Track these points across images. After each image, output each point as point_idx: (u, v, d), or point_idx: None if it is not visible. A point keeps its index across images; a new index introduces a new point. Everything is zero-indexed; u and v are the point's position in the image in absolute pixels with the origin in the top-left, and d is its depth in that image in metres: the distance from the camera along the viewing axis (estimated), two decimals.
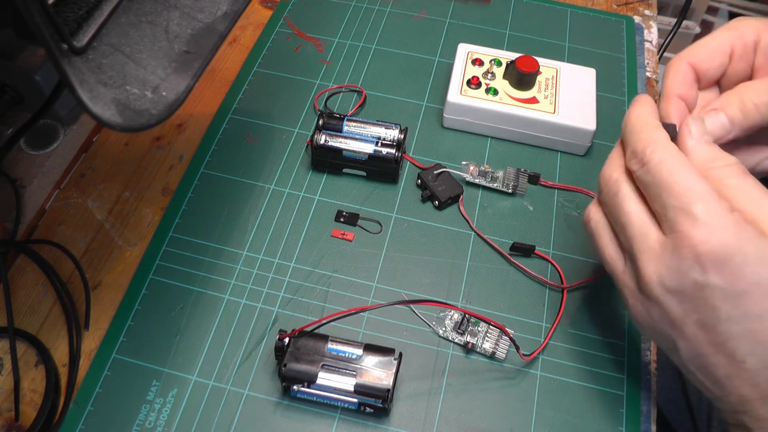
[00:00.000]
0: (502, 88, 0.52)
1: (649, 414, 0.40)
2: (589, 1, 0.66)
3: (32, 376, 0.40)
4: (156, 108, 0.29)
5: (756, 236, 0.29)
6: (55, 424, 0.39)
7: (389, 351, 0.39)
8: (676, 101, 0.37)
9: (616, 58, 0.60)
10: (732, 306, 0.29)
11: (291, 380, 0.38)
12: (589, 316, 0.44)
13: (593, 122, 0.50)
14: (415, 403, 0.40)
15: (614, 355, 0.42)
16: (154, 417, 0.38)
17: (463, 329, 0.42)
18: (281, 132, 0.53)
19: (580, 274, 0.45)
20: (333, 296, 0.44)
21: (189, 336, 0.42)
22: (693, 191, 0.30)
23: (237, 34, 0.61)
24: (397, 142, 0.48)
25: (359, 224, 0.47)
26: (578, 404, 0.40)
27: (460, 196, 0.49)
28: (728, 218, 0.29)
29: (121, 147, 0.52)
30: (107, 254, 0.46)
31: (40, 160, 0.50)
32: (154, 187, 0.50)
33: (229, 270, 0.45)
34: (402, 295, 0.44)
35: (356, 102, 0.55)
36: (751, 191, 0.31)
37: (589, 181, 0.51)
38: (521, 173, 0.49)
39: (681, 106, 0.37)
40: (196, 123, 0.54)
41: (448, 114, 0.53)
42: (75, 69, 0.27)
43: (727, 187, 0.31)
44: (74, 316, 0.42)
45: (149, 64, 0.30)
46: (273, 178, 0.50)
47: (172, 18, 0.32)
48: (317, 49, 0.59)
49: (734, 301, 0.29)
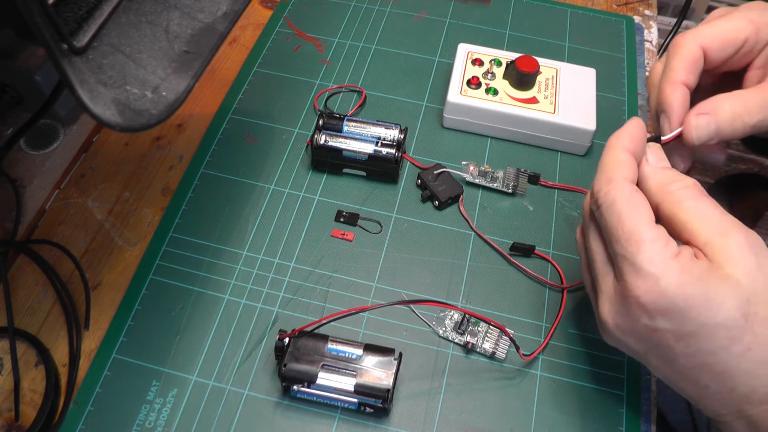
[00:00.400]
0: (502, 88, 0.52)
1: (649, 414, 0.40)
2: (589, 1, 0.66)
3: (32, 376, 0.40)
4: (156, 108, 0.29)
5: (700, 278, 0.29)
6: (55, 424, 0.39)
7: (389, 351, 0.39)
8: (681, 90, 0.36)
9: (616, 58, 0.60)
10: (684, 345, 0.30)
11: (291, 380, 0.38)
12: (589, 316, 0.44)
13: (593, 122, 0.50)
14: (415, 403, 0.40)
15: (614, 355, 0.42)
16: (154, 417, 0.38)
17: (463, 329, 0.42)
18: (281, 132, 0.53)
19: (580, 274, 0.45)
20: (333, 296, 0.44)
21: (189, 336, 0.42)
22: (638, 238, 0.30)
23: (237, 34, 0.61)
24: (397, 142, 0.48)
25: (359, 224, 0.47)
26: (578, 404, 0.40)
27: (460, 196, 0.49)
28: (671, 264, 0.30)
29: (121, 147, 0.52)
30: (107, 254, 0.46)
31: (40, 160, 0.50)
32: (154, 187, 0.50)
33: (229, 270, 0.45)
34: (402, 295, 0.44)
35: (356, 102, 0.55)
36: (706, 213, 0.31)
37: (589, 181, 0.51)
38: (521, 173, 0.49)
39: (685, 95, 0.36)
40: (196, 123, 0.54)
41: (448, 114, 0.53)
42: (75, 69, 0.27)
43: (684, 209, 0.32)
44: (74, 316, 0.42)
45: (149, 64, 0.30)
46: (273, 178, 0.50)
47: (172, 18, 0.32)
48: (317, 49, 0.59)
49: (686, 341, 0.30)
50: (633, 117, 0.36)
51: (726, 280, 0.29)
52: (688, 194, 0.32)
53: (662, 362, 0.32)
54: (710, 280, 0.29)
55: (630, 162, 0.33)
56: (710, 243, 0.30)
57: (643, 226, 0.31)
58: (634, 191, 0.32)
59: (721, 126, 0.35)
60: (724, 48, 0.36)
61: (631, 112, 0.56)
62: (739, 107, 0.35)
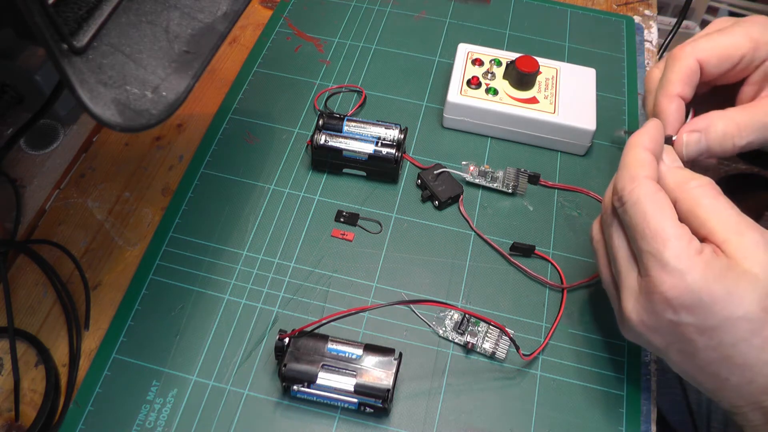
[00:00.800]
0: (502, 88, 0.52)
1: (649, 414, 0.40)
2: (589, 1, 0.66)
3: (32, 376, 0.40)
4: (156, 108, 0.29)
5: (722, 273, 0.30)
6: (55, 424, 0.39)
7: (389, 351, 0.39)
8: (677, 102, 0.37)
9: (616, 58, 0.60)
10: (707, 338, 0.31)
11: (291, 380, 0.38)
12: (589, 316, 0.44)
13: (593, 122, 0.50)
14: (415, 403, 0.40)
15: (614, 355, 0.42)
16: (154, 417, 0.38)
17: (463, 329, 0.42)
18: (281, 132, 0.53)
19: (580, 274, 0.45)
20: (333, 296, 0.44)
21: (189, 336, 0.42)
22: (663, 236, 0.31)
23: (237, 34, 0.61)
24: (397, 142, 0.48)
25: (359, 224, 0.47)
26: (578, 404, 0.40)
27: (460, 196, 0.49)
28: (696, 260, 0.30)
29: (121, 147, 0.52)
30: (107, 254, 0.46)
31: (40, 160, 0.50)
32: (154, 187, 0.50)
33: (229, 270, 0.45)
34: (402, 295, 0.44)
35: (356, 102, 0.55)
36: (723, 212, 0.32)
37: (589, 181, 0.51)
38: (521, 173, 0.49)
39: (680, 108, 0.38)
40: (196, 123, 0.54)
41: (448, 114, 0.53)
42: (75, 69, 0.27)
43: (702, 207, 0.32)
44: (74, 316, 0.42)
45: (149, 64, 0.30)
46: (273, 178, 0.50)
47: (172, 18, 0.32)
48: (317, 49, 0.59)
49: (708, 334, 0.31)
50: (652, 119, 0.36)
51: (745, 276, 0.30)
52: (704, 192, 0.33)
53: (683, 356, 0.33)
54: (731, 275, 0.30)
55: (651, 161, 0.34)
56: (728, 240, 0.31)
57: (669, 223, 0.31)
58: (658, 189, 0.33)
59: (711, 145, 0.37)
60: (721, 63, 0.37)
61: (631, 112, 0.56)
62: (731, 128, 0.36)
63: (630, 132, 0.53)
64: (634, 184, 0.33)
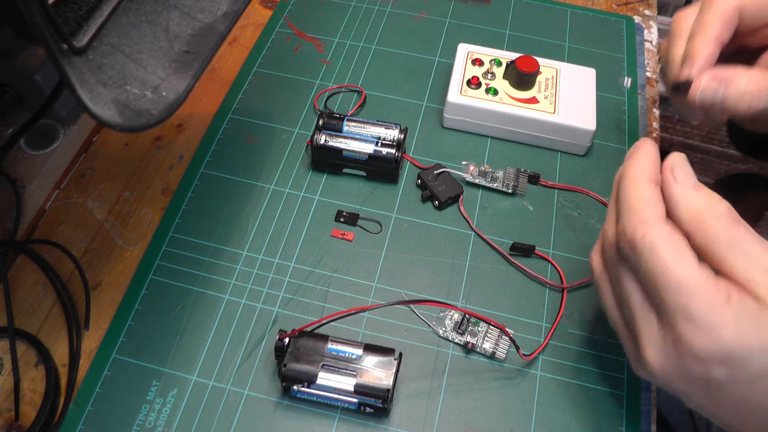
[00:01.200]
0: (502, 88, 0.52)
1: (649, 414, 0.40)
2: (589, 1, 0.66)
3: (32, 376, 0.40)
4: (156, 108, 0.29)
5: (756, 322, 0.28)
6: (55, 424, 0.39)
7: (389, 351, 0.39)
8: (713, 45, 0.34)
9: (616, 58, 0.60)
10: (738, 388, 0.29)
11: (291, 380, 0.38)
12: (589, 316, 0.44)
13: (593, 122, 0.50)
14: (415, 403, 0.40)
15: (614, 355, 0.42)
16: (154, 417, 0.38)
17: (463, 329, 0.42)
18: (281, 132, 0.53)
19: (580, 274, 0.45)
20: (333, 296, 0.44)
21: (189, 336, 0.42)
22: (688, 287, 0.29)
23: (237, 34, 0.61)
24: (397, 142, 0.48)
25: (359, 224, 0.47)
26: (578, 404, 0.40)
27: (460, 196, 0.49)
28: (726, 311, 0.28)
29: (121, 147, 0.52)
30: (107, 254, 0.46)
31: (40, 160, 0.50)
32: (154, 187, 0.50)
33: (229, 270, 0.45)
34: (402, 295, 0.44)
35: (356, 102, 0.55)
36: (744, 247, 0.29)
37: (588, 181, 0.51)
38: (521, 173, 0.49)
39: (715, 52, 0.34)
40: (196, 123, 0.54)
41: (448, 114, 0.53)
42: (75, 69, 0.27)
43: (721, 244, 0.30)
44: (74, 316, 0.42)
45: (149, 64, 0.30)
46: (273, 178, 0.50)
47: (172, 18, 0.32)
48: (317, 49, 0.59)
49: (741, 387, 0.29)
50: (642, 139, 0.34)
51: None
52: (722, 225, 0.30)
53: (707, 400, 0.31)
54: (764, 323, 0.28)
55: (658, 197, 0.31)
56: (754, 280, 0.29)
57: (692, 271, 0.29)
58: (672, 231, 0.30)
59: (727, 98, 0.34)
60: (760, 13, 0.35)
61: (631, 112, 0.56)
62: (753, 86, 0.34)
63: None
64: (646, 227, 0.30)
